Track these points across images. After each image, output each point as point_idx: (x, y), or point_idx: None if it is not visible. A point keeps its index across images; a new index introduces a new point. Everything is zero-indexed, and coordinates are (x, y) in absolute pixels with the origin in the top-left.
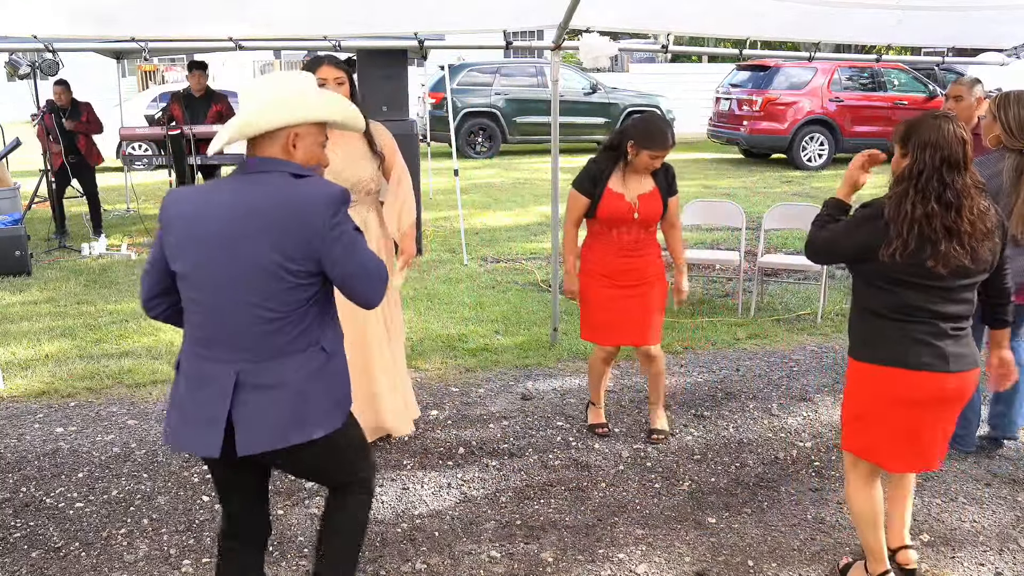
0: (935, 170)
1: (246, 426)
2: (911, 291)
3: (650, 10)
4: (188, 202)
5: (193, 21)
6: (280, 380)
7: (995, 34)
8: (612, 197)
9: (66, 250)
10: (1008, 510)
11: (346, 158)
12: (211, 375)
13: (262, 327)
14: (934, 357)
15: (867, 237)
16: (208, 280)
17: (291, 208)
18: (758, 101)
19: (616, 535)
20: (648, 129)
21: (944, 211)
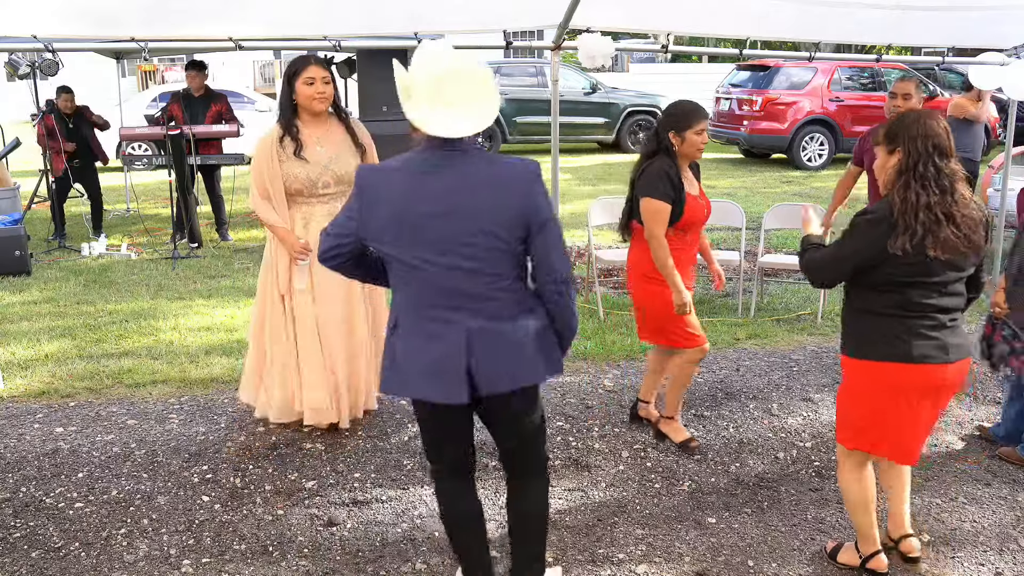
0: (928, 157)
1: (484, 371)
2: (914, 290)
3: (650, 10)
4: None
5: (193, 21)
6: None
7: (995, 34)
8: (692, 201)
9: (66, 250)
10: (1008, 510)
11: (333, 151)
12: (440, 332)
13: (486, 288)
14: (935, 349)
15: (875, 240)
16: (431, 252)
17: (499, 182)
18: (758, 101)
19: (616, 535)
20: (681, 110)
21: (941, 196)
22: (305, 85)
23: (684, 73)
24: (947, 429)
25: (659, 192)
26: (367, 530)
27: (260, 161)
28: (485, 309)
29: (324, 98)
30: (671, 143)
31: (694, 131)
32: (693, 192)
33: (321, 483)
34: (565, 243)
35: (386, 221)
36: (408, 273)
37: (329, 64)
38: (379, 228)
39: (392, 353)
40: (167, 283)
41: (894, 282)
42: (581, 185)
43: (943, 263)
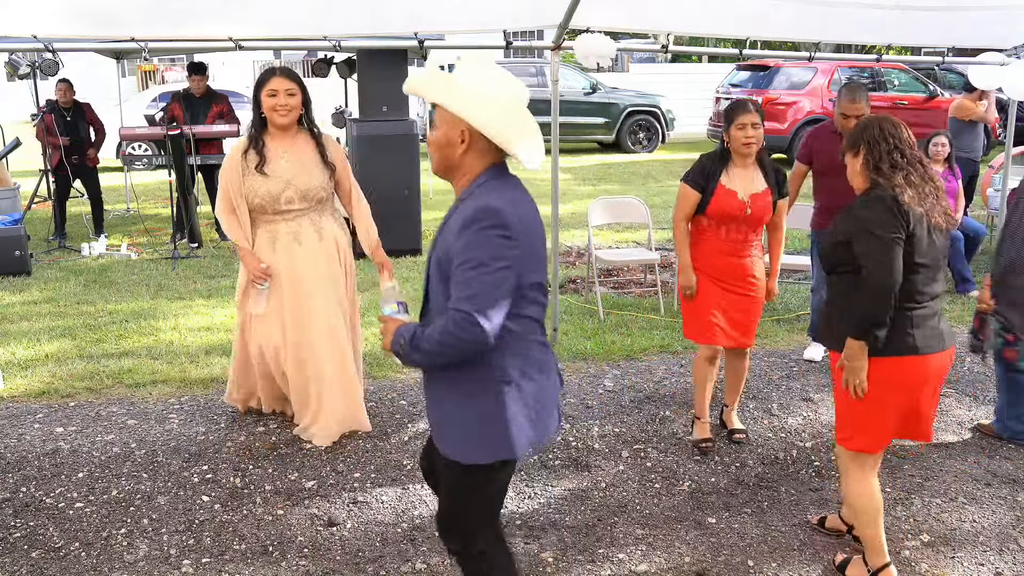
0: (895, 146)
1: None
2: (919, 275)
3: (650, 10)
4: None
5: (193, 21)
6: None
7: (995, 34)
8: (724, 194)
9: (66, 250)
10: (1008, 510)
11: (297, 165)
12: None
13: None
14: (934, 338)
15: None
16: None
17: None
18: (758, 101)
19: (616, 535)
20: (728, 108)
21: (914, 167)
22: (268, 97)
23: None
24: (947, 429)
25: (689, 178)
26: (367, 530)
27: (226, 174)
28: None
29: (286, 110)
30: (724, 139)
31: (735, 126)
32: (733, 187)
33: (321, 483)
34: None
35: (533, 254)
36: (536, 303)
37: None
38: (532, 262)
39: (514, 405)
40: (167, 283)
41: (910, 265)
42: (581, 185)
43: (938, 246)
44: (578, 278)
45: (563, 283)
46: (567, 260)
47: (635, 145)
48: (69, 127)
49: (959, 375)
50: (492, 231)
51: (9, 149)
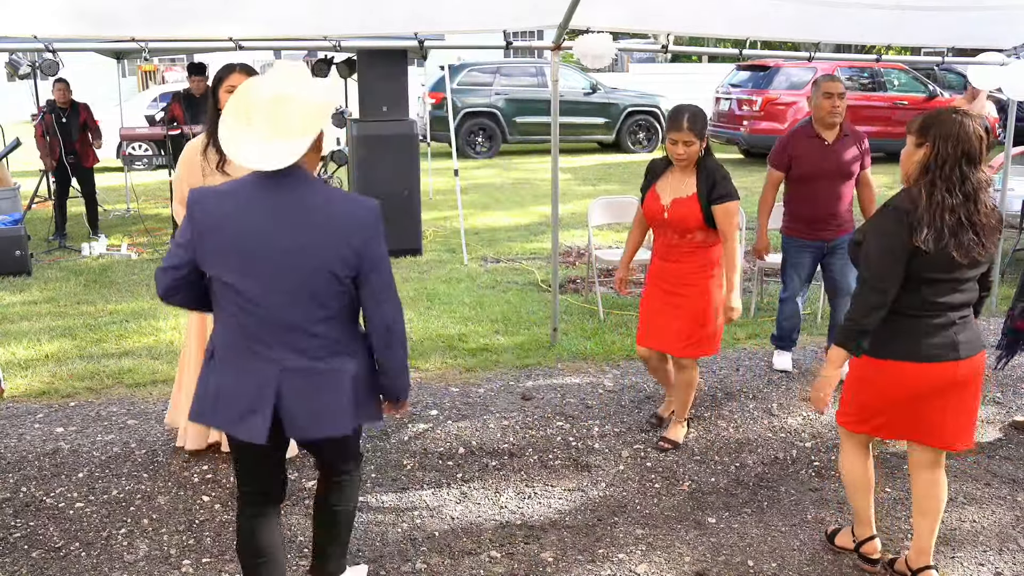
0: (956, 161)
1: (291, 414)
2: (931, 287)
3: (650, 10)
4: (225, 211)
5: (193, 21)
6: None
7: (995, 34)
8: (651, 198)
9: (66, 250)
10: (1008, 510)
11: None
12: (256, 368)
13: (306, 327)
14: (944, 348)
15: (899, 232)
16: (257, 284)
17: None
18: (758, 101)
19: (616, 535)
20: (668, 113)
21: (965, 202)
22: (227, 93)
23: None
24: None
25: (642, 183)
26: (367, 530)
27: (183, 170)
28: (303, 348)
29: None
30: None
31: (669, 137)
32: (661, 192)
33: None
34: (394, 287)
35: (217, 248)
36: (233, 304)
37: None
38: (211, 254)
39: (205, 384)
40: None
41: (918, 278)
42: (581, 185)
43: (961, 263)
44: (578, 278)
45: (563, 283)
46: (567, 260)
47: (635, 145)
48: (64, 128)
49: None
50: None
51: (9, 149)
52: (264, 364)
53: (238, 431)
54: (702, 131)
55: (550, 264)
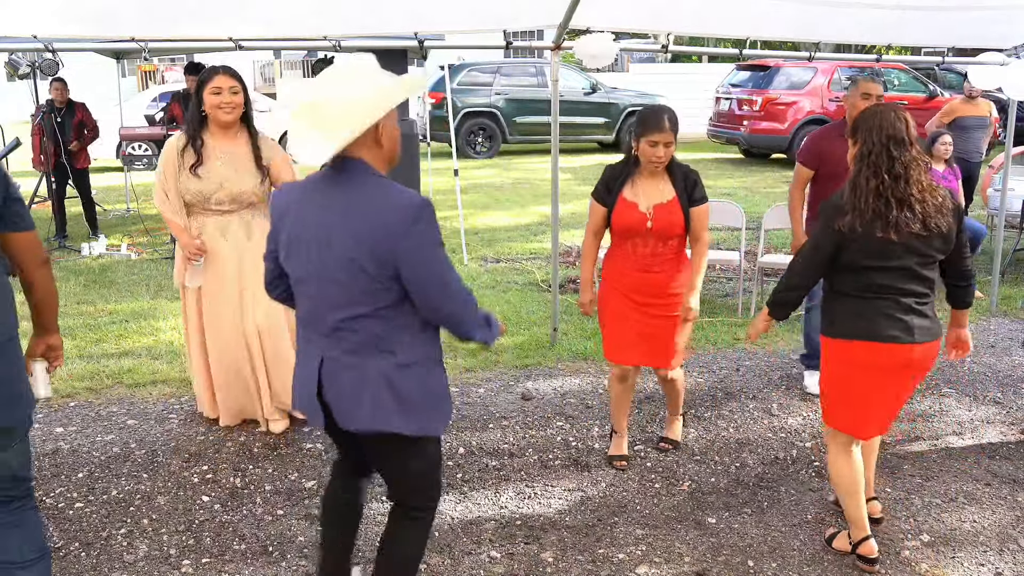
0: (883, 147)
1: (334, 404)
2: (876, 272)
3: (650, 10)
4: (291, 203)
5: (193, 21)
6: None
7: (995, 34)
8: (625, 206)
9: (66, 250)
10: (1008, 510)
11: (231, 168)
12: (309, 355)
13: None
14: (900, 330)
15: (829, 223)
16: (302, 275)
17: (378, 214)
18: (758, 101)
19: (616, 535)
20: (642, 116)
21: (893, 182)
22: (212, 95)
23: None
24: (947, 429)
25: (595, 191)
26: (367, 530)
27: (164, 166)
28: (343, 341)
29: (230, 108)
30: (633, 146)
31: (647, 140)
32: (635, 199)
33: (321, 483)
34: (443, 288)
35: (285, 241)
36: (295, 291)
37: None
38: (282, 247)
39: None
40: (167, 283)
41: (858, 265)
42: (581, 185)
43: (903, 247)
44: (578, 278)
45: (563, 283)
46: (567, 260)
47: None
48: (60, 128)
49: (959, 375)
50: None
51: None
52: (314, 352)
53: (306, 415)
54: (677, 131)
55: (550, 264)
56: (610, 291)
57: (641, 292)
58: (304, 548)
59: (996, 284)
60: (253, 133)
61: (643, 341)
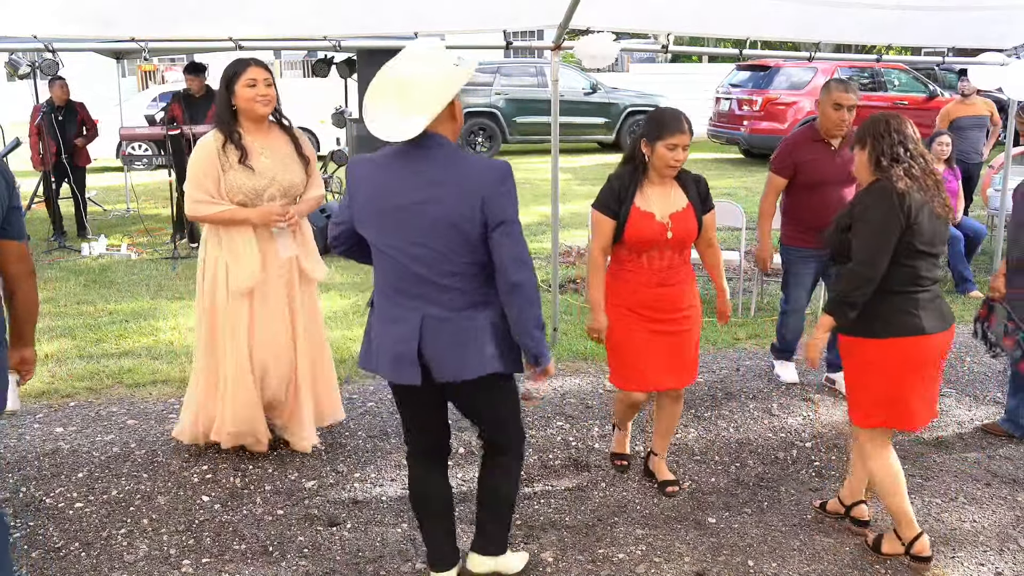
0: (899, 142)
1: (437, 359)
2: (922, 261)
3: (650, 10)
4: (368, 174)
5: (193, 21)
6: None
7: (995, 34)
8: (640, 217)
9: (66, 250)
10: (1008, 510)
11: (278, 162)
12: (400, 316)
13: (449, 278)
14: (937, 319)
15: (894, 208)
16: (392, 239)
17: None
18: (758, 101)
19: (616, 535)
20: (658, 118)
21: (925, 165)
22: (247, 87)
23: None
24: (947, 429)
25: (600, 203)
26: (367, 530)
27: (204, 167)
28: (441, 299)
29: (267, 101)
30: (642, 153)
31: (666, 144)
32: (650, 209)
33: (321, 483)
34: (522, 248)
35: (365, 208)
36: (380, 258)
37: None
38: (361, 214)
39: (369, 330)
40: (167, 283)
41: (912, 251)
42: (581, 185)
43: (939, 234)
44: (578, 278)
45: (563, 283)
46: (567, 260)
47: None
48: (61, 127)
49: (959, 375)
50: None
51: (9, 149)
52: (407, 312)
53: (395, 376)
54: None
55: (550, 264)
56: (618, 311)
57: (655, 308)
58: (304, 548)
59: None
60: (287, 125)
61: (662, 364)
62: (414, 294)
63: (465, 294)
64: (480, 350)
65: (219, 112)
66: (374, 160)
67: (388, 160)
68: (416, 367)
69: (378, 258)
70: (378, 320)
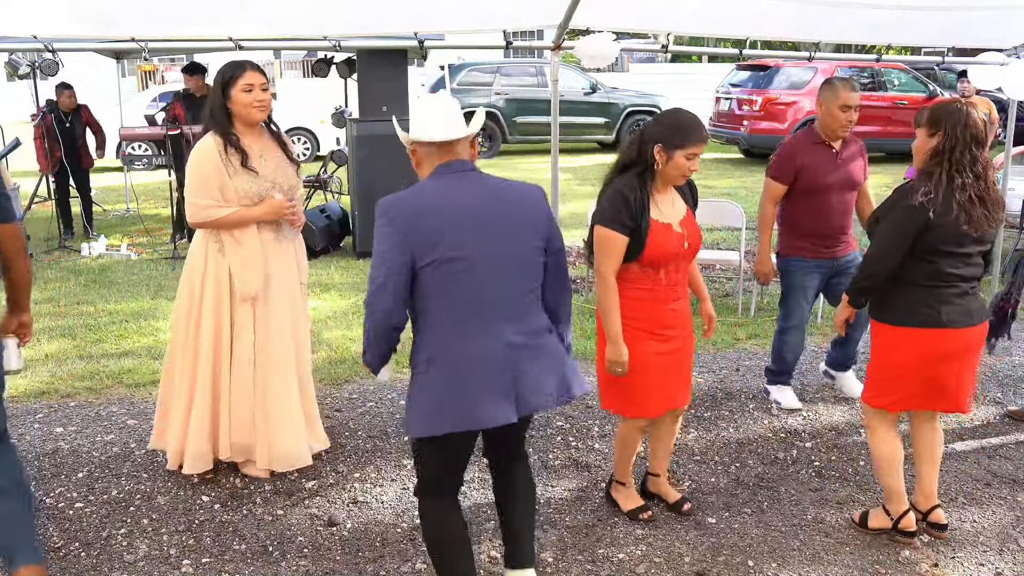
0: (967, 145)
1: (534, 385)
2: (945, 260)
3: (650, 10)
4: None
5: (193, 21)
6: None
7: (995, 34)
8: (661, 230)
9: (66, 250)
10: (1008, 510)
11: (274, 164)
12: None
13: (525, 300)
14: (961, 315)
15: (918, 217)
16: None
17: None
18: (758, 101)
19: (616, 535)
20: (677, 123)
21: (975, 181)
22: (243, 92)
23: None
24: (947, 429)
25: (612, 219)
26: (367, 530)
27: (208, 171)
28: (523, 325)
29: (263, 106)
30: (654, 159)
31: (686, 153)
32: (666, 219)
33: (321, 483)
34: (567, 272)
35: (435, 234)
36: (452, 285)
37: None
38: (430, 243)
39: (431, 392)
40: (167, 283)
41: (933, 250)
42: (581, 185)
43: (974, 239)
44: (578, 278)
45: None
46: (567, 260)
47: None
48: (69, 131)
49: None
50: (378, 222)
51: (9, 149)
52: (489, 341)
53: (491, 420)
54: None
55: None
56: (635, 334)
57: (669, 326)
58: (304, 548)
59: (996, 284)
60: (276, 130)
61: (674, 383)
62: (494, 317)
63: (536, 316)
64: (560, 375)
65: (215, 115)
66: (422, 189)
67: (437, 184)
68: (512, 402)
69: (450, 286)
70: (455, 366)
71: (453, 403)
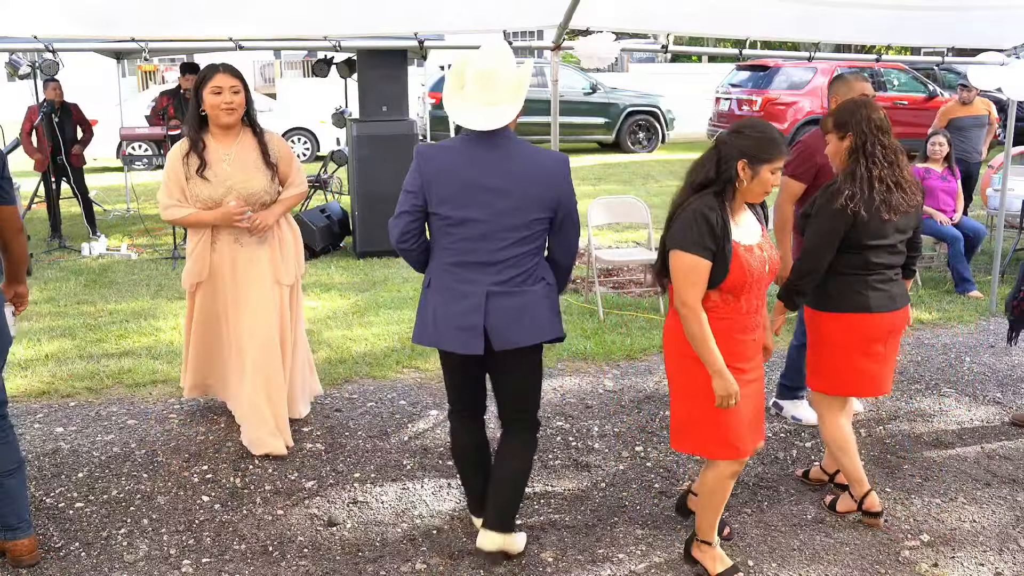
0: (875, 137)
1: (499, 329)
2: (872, 251)
3: (650, 10)
4: (447, 163)
5: (193, 21)
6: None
7: (995, 34)
8: (747, 252)
9: (66, 250)
10: (1008, 510)
11: (239, 168)
12: (466, 291)
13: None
14: (886, 300)
15: (841, 214)
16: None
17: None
18: (758, 101)
19: (616, 535)
20: (763, 135)
21: (889, 168)
22: (212, 95)
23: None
24: (947, 429)
25: (694, 242)
26: (367, 530)
27: (173, 173)
28: (503, 274)
29: (231, 109)
30: (737, 175)
31: (771, 167)
32: (748, 241)
33: (321, 483)
34: (579, 233)
35: (449, 187)
36: (450, 236)
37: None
38: (442, 195)
39: (424, 309)
40: (167, 283)
41: (860, 244)
42: (581, 185)
43: (894, 226)
44: (578, 278)
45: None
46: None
47: (635, 145)
48: (59, 127)
49: (959, 375)
50: (412, 164)
51: (9, 149)
52: (473, 287)
53: (461, 347)
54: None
55: None
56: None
57: (748, 357)
58: (304, 548)
59: (996, 284)
60: (258, 131)
61: (755, 415)
62: (481, 270)
63: (524, 270)
64: (535, 320)
65: (189, 117)
66: (452, 147)
67: (467, 146)
68: (481, 338)
69: (448, 236)
70: (440, 297)
71: (433, 324)
